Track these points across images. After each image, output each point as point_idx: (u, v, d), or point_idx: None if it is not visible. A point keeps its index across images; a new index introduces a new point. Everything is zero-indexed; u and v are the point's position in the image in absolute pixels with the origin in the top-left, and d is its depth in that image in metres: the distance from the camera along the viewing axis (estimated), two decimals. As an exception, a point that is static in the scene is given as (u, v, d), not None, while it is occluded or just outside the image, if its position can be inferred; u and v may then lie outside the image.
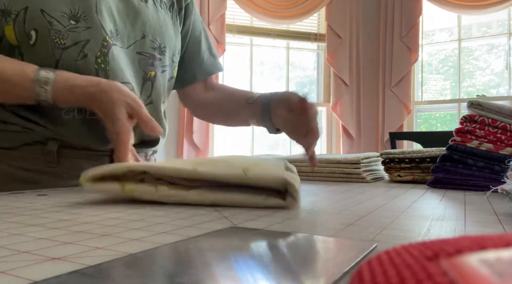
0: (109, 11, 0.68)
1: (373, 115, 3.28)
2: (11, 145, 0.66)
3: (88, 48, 0.65)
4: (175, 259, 0.21)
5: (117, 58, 0.68)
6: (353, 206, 0.44)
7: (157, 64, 0.77)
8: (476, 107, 0.69)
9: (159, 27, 0.76)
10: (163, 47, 0.78)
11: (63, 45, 0.63)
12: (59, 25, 0.62)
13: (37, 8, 0.61)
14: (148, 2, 0.75)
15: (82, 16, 0.65)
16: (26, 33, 0.61)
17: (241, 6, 3.05)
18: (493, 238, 0.13)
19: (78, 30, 0.64)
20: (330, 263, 0.21)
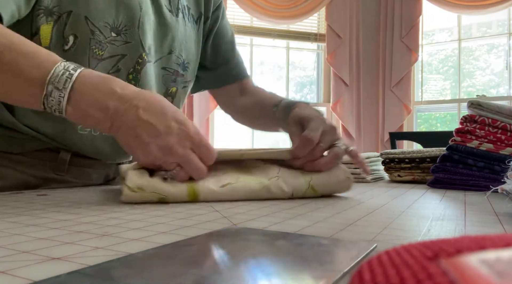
0: (149, 25, 0.66)
1: (373, 115, 3.28)
2: (20, 150, 0.64)
3: (123, 63, 0.63)
4: (175, 259, 0.21)
5: (148, 77, 0.67)
6: (353, 206, 0.44)
7: (179, 81, 0.75)
8: (476, 107, 0.69)
9: (185, 42, 0.75)
10: (186, 63, 0.76)
11: (100, 57, 0.61)
12: (101, 36, 0.60)
13: (82, 14, 0.58)
14: (179, 17, 0.73)
15: (123, 29, 0.62)
16: (64, 37, 0.58)
17: (241, 6, 3.05)
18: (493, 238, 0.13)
19: (117, 44, 0.62)
20: (330, 263, 0.21)
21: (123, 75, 0.63)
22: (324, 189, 0.52)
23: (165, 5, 0.70)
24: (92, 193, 0.55)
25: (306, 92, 3.53)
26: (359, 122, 3.24)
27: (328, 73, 3.32)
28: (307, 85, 3.55)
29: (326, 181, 0.52)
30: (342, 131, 3.20)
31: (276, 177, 0.50)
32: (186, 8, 0.76)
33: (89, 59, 0.60)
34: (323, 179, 0.52)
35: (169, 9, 0.71)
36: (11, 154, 0.63)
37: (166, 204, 0.44)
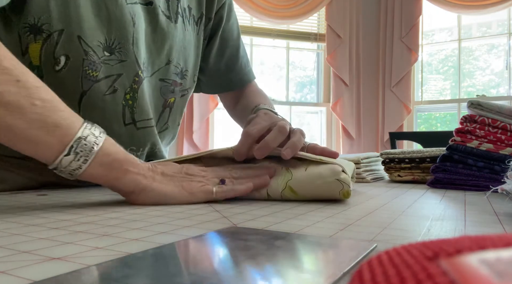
0: (142, 39, 0.63)
1: (373, 115, 3.28)
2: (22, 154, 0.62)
3: (119, 83, 0.60)
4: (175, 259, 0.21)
5: (145, 95, 0.64)
6: (353, 206, 0.44)
7: (177, 90, 0.73)
8: (476, 107, 0.69)
9: (184, 49, 0.72)
10: (184, 71, 0.74)
11: (95, 78, 0.58)
12: (94, 56, 0.57)
13: (75, 34, 0.55)
14: (178, 22, 0.70)
15: (117, 47, 0.59)
16: (55, 57, 0.55)
17: (241, 6, 3.05)
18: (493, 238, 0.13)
19: (111, 63, 0.59)
20: (330, 263, 0.21)
21: (121, 96, 0.61)
22: (306, 191, 0.46)
23: (162, 11, 0.67)
24: (92, 193, 0.55)
25: (306, 92, 3.53)
26: (359, 122, 3.24)
27: (328, 73, 3.32)
28: (307, 85, 3.55)
29: (308, 182, 0.46)
30: (342, 131, 3.21)
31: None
32: (187, 9, 0.73)
33: (82, 80, 0.57)
34: (305, 179, 0.46)
35: (167, 16, 0.68)
36: (13, 158, 0.62)
37: (166, 204, 0.44)
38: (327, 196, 0.47)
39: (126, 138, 0.64)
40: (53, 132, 0.37)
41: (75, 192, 0.57)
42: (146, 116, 0.65)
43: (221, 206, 0.43)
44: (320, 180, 0.46)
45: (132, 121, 0.64)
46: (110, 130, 0.51)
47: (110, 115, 0.60)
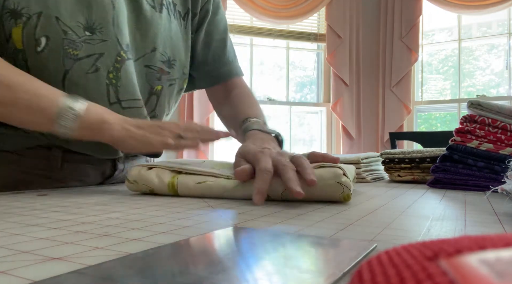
0: (124, 22, 0.65)
1: (373, 115, 3.28)
2: (15, 148, 0.64)
3: (101, 62, 0.62)
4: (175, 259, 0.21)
5: (130, 74, 0.66)
6: (353, 206, 0.44)
7: (164, 78, 0.74)
8: (476, 107, 0.69)
9: (170, 39, 0.73)
10: (172, 60, 0.75)
11: (76, 56, 0.60)
12: (74, 35, 0.59)
13: (52, 15, 0.58)
14: (163, 12, 0.71)
15: (98, 27, 0.62)
16: (35, 39, 0.58)
17: (241, 6, 3.05)
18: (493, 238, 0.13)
19: (93, 42, 0.61)
20: (330, 263, 0.21)
21: (103, 74, 0.63)
22: (306, 193, 0.44)
23: (147, 1, 0.69)
24: (92, 193, 0.56)
25: (306, 92, 3.53)
26: (359, 122, 3.24)
27: (328, 73, 3.32)
28: (307, 85, 3.55)
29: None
30: (342, 131, 3.21)
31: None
32: (171, 4, 0.74)
33: (63, 59, 0.59)
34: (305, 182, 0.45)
35: (151, 5, 0.70)
36: (4, 152, 0.64)
37: (166, 204, 0.44)
38: (327, 198, 0.47)
39: None
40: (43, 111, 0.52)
41: (75, 192, 0.57)
42: (131, 96, 0.66)
43: (221, 206, 0.43)
44: (321, 182, 0.46)
45: (117, 101, 0.65)
46: None
47: (94, 94, 0.62)
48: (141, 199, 0.50)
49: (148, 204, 0.44)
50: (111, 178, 0.75)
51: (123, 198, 0.51)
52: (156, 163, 0.55)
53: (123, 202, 0.46)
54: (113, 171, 0.74)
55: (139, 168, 0.55)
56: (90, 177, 0.71)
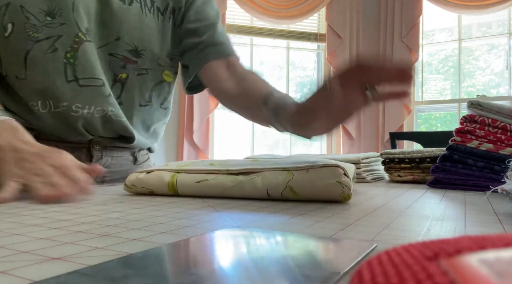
0: (86, 10, 0.70)
1: (373, 115, 3.28)
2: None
3: (60, 43, 0.68)
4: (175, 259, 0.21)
5: (88, 55, 0.70)
6: (353, 206, 0.44)
7: (130, 67, 0.75)
8: (476, 107, 0.69)
9: (140, 30, 0.75)
10: (141, 50, 0.76)
11: (36, 38, 0.67)
12: (35, 20, 0.67)
13: (18, 4, 0.66)
14: (132, 6, 0.74)
15: (58, 12, 0.68)
16: (3, 26, 0.66)
17: (241, 6, 3.05)
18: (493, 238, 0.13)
19: (53, 26, 0.68)
20: (330, 263, 0.21)
21: (61, 54, 0.68)
22: (306, 192, 0.46)
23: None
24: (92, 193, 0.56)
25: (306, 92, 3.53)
26: (359, 122, 3.24)
27: (328, 73, 3.32)
28: (307, 85, 3.54)
29: (309, 183, 0.46)
30: (342, 131, 3.21)
31: (257, 174, 0.49)
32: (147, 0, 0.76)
33: (26, 41, 0.67)
34: (306, 181, 0.46)
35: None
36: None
37: (166, 204, 0.44)
38: (327, 198, 0.47)
39: (70, 94, 0.70)
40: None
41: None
42: (89, 75, 0.71)
43: (221, 206, 0.43)
44: (321, 181, 0.46)
45: (75, 78, 0.70)
46: (54, 87, 0.69)
47: (53, 71, 0.69)
48: (141, 199, 0.50)
49: (148, 204, 0.44)
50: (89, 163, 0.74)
51: (123, 198, 0.51)
52: (154, 168, 0.56)
53: (123, 202, 0.46)
54: (89, 158, 0.76)
55: (136, 173, 0.55)
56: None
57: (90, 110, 0.72)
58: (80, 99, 0.71)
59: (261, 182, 0.48)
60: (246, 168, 0.50)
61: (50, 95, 0.69)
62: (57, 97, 0.69)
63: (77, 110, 0.71)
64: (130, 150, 0.83)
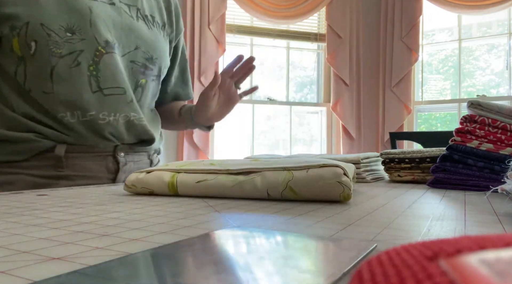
0: (105, 24, 0.75)
1: (373, 115, 3.28)
2: (23, 157, 0.73)
3: (82, 57, 0.72)
4: (175, 259, 0.21)
5: (109, 66, 0.75)
6: (353, 206, 0.44)
7: (148, 73, 0.84)
8: (476, 107, 0.69)
9: (151, 41, 0.84)
10: (155, 58, 0.85)
11: (59, 54, 0.70)
12: (57, 37, 0.70)
13: (38, 22, 0.69)
14: (139, 22, 0.83)
15: (77, 29, 0.72)
16: (27, 44, 0.69)
17: (241, 6, 3.05)
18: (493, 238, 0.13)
19: (74, 41, 0.71)
20: (330, 263, 0.21)
21: (84, 67, 0.73)
22: (306, 192, 0.46)
23: (125, 11, 0.81)
24: (92, 193, 0.56)
25: (306, 92, 3.53)
26: (359, 122, 3.24)
27: (328, 73, 3.32)
28: (307, 85, 3.54)
29: (309, 183, 0.46)
30: (342, 131, 3.21)
31: (257, 174, 0.49)
32: (149, 16, 0.86)
33: (50, 58, 0.70)
34: (306, 181, 0.46)
35: (129, 15, 0.81)
36: (16, 162, 0.73)
37: (166, 204, 0.44)
38: (327, 198, 0.47)
39: (96, 104, 0.75)
40: None
41: (75, 192, 0.57)
42: (112, 85, 0.76)
43: (221, 206, 0.43)
44: (321, 181, 0.46)
45: (99, 89, 0.75)
46: (81, 99, 0.73)
47: (78, 84, 0.73)
48: (141, 199, 0.50)
49: (148, 204, 0.44)
50: (119, 173, 0.81)
51: (123, 198, 0.51)
52: (154, 168, 0.56)
53: (123, 202, 0.46)
54: (116, 165, 0.80)
55: (136, 173, 0.56)
56: (94, 171, 0.77)
57: (116, 117, 0.78)
58: (106, 107, 0.76)
59: (261, 182, 0.48)
60: (246, 168, 0.50)
61: (77, 107, 0.73)
62: (84, 107, 0.74)
63: (104, 118, 0.76)
64: (146, 153, 0.89)
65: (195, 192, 0.51)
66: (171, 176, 0.53)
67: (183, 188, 0.52)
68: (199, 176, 0.52)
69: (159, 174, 0.54)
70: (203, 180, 0.51)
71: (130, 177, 0.56)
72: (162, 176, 0.53)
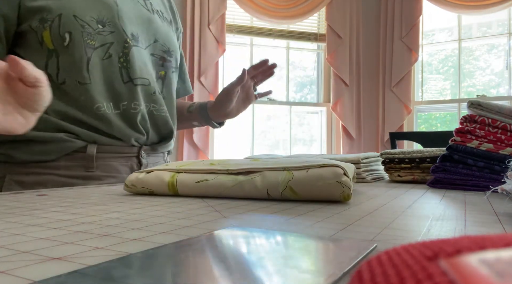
0: (129, 17, 0.78)
1: (373, 115, 3.28)
2: (54, 157, 0.73)
3: (112, 49, 0.75)
4: (175, 259, 0.21)
5: (137, 57, 0.78)
6: (353, 206, 0.44)
7: (167, 65, 0.87)
8: (476, 107, 0.69)
9: (166, 34, 0.87)
10: (171, 51, 0.88)
11: (93, 46, 0.72)
12: (90, 28, 0.71)
13: (70, 14, 0.70)
14: (155, 15, 0.86)
15: (107, 21, 0.74)
16: (61, 36, 0.69)
17: (241, 6, 3.05)
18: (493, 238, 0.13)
19: (104, 34, 0.74)
20: (330, 263, 0.21)
21: (115, 59, 0.75)
22: (306, 192, 0.46)
23: (142, 5, 0.83)
24: (92, 193, 0.56)
25: (306, 92, 3.53)
26: (359, 122, 3.24)
27: (328, 73, 3.32)
28: (307, 85, 3.54)
29: (309, 183, 0.46)
30: (342, 131, 3.21)
31: (257, 174, 0.49)
32: (160, 11, 0.89)
33: (85, 49, 0.71)
34: (306, 181, 0.46)
35: (146, 9, 0.84)
36: (47, 162, 0.73)
37: (166, 204, 0.44)
38: (327, 198, 0.47)
39: (128, 94, 0.78)
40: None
41: (75, 192, 0.57)
42: (140, 75, 0.79)
43: (221, 206, 0.43)
44: (321, 181, 0.46)
45: (130, 79, 0.78)
46: (114, 88, 0.76)
47: (111, 75, 0.75)
48: (141, 199, 0.50)
49: (148, 204, 0.44)
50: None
51: (123, 198, 0.51)
52: (154, 168, 0.56)
53: (123, 202, 0.46)
54: (139, 166, 0.83)
55: (136, 173, 0.55)
56: (121, 172, 0.80)
57: (143, 107, 0.81)
58: (136, 97, 0.79)
59: (261, 182, 0.48)
60: (246, 168, 0.50)
61: (111, 97, 0.76)
62: (117, 97, 0.76)
63: (136, 108, 0.79)
64: (162, 154, 0.92)
65: (195, 192, 0.51)
66: (171, 176, 0.53)
67: (183, 187, 0.52)
68: (199, 176, 0.52)
69: (159, 174, 0.54)
70: (203, 180, 0.51)
71: (130, 177, 0.55)
72: (162, 176, 0.53)
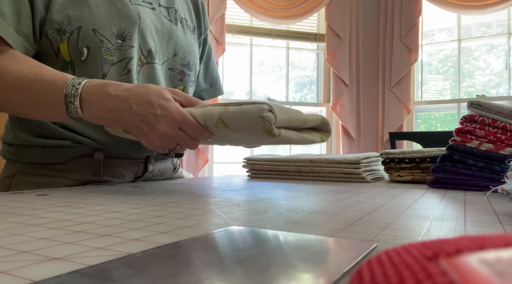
0: (149, 31, 0.75)
1: (373, 115, 3.28)
2: (61, 159, 0.72)
3: (131, 64, 0.72)
4: (175, 259, 0.21)
5: (147, 75, 0.76)
6: (353, 206, 0.44)
7: (185, 80, 0.84)
8: (476, 107, 0.69)
9: (187, 46, 0.85)
10: (191, 64, 0.86)
11: (111, 61, 0.70)
12: (108, 43, 0.69)
13: (90, 28, 0.67)
14: (177, 25, 0.83)
15: (127, 35, 0.71)
16: (79, 50, 0.67)
17: (241, 6, 3.05)
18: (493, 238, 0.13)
19: (124, 49, 0.71)
20: (330, 263, 0.21)
21: (133, 75, 0.72)
22: (234, 125, 0.51)
23: (164, 16, 0.80)
24: (92, 193, 0.56)
25: (306, 92, 3.53)
26: (359, 122, 3.24)
27: (328, 73, 3.32)
28: (307, 85, 3.54)
29: (237, 117, 0.50)
30: (342, 131, 3.21)
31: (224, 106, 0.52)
32: (183, 19, 0.86)
33: (102, 65, 0.69)
34: (235, 114, 0.50)
35: (168, 19, 0.81)
36: (54, 165, 0.72)
37: (166, 204, 0.44)
38: (252, 130, 0.50)
39: None
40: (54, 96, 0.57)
41: (75, 192, 0.57)
42: None
43: (221, 206, 0.43)
44: (246, 115, 0.49)
45: None
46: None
47: None
48: (141, 199, 0.50)
49: (148, 204, 0.44)
50: (140, 178, 0.82)
51: (123, 198, 0.51)
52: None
53: (123, 202, 0.46)
54: (144, 172, 0.82)
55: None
56: (125, 177, 0.79)
57: None
58: None
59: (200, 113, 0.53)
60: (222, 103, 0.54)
61: None
62: None
63: None
64: (171, 159, 0.90)
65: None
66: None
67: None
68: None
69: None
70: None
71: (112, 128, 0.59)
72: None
